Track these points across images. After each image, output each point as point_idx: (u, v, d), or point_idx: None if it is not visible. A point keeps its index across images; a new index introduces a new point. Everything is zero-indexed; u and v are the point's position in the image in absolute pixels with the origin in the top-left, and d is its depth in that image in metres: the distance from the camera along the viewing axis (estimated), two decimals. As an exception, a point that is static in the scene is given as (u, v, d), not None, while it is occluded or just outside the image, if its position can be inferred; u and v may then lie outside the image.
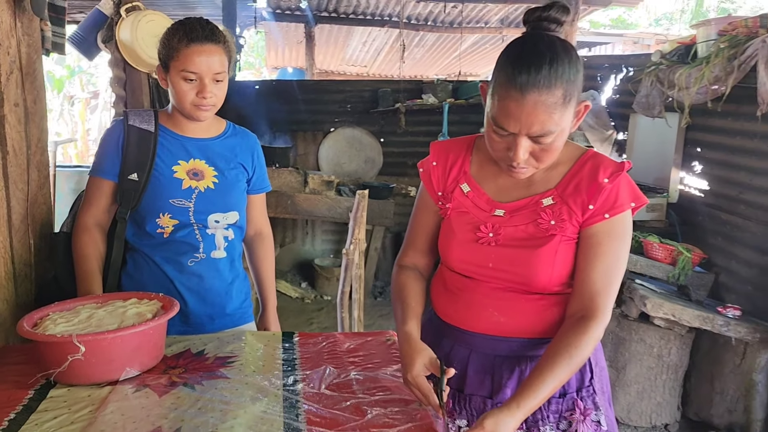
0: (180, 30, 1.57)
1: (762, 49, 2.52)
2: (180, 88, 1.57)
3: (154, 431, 1.11)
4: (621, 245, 1.22)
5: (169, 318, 1.40)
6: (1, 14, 1.59)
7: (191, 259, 1.70)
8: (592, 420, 1.28)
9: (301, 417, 1.18)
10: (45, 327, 1.33)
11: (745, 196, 3.25)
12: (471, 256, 1.29)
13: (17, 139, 1.68)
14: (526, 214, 1.26)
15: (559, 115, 1.11)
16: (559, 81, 1.10)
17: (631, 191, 1.22)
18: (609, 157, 1.25)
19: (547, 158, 1.18)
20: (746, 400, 2.76)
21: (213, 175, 1.70)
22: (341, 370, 1.38)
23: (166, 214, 1.65)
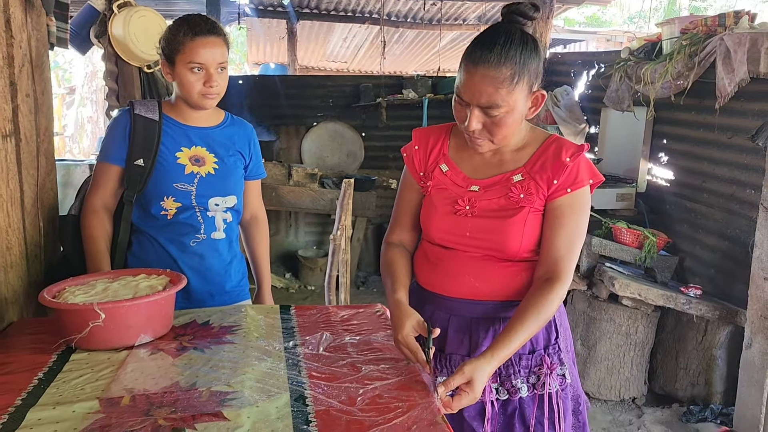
0: (184, 25, 1.70)
1: (720, 46, 2.71)
2: (187, 79, 1.70)
3: (172, 385, 1.24)
4: (581, 216, 1.36)
5: (179, 290, 1.53)
6: (14, 10, 1.70)
7: (193, 240, 1.83)
8: (558, 374, 1.43)
9: (303, 373, 1.32)
10: (65, 298, 1.45)
11: (707, 185, 3.47)
12: (450, 227, 1.44)
13: (28, 127, 1.79)
14: (498, 189, 1.41)
15: (506, 91, 1.26)
16: (509, 61, 1.25)
17: (590, 169, 1.37)
18: (572, 141, 1.41)
19: (499, 132, 1.32)
20: (707, 374, 2.97)
21: (213, 162, 1.83)
22: (336, 336, 1.52)
23: (170, 197, 1.78)
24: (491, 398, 1.42)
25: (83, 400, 1.18)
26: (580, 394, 1.52)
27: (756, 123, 2.80)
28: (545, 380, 1.41)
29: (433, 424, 1.12)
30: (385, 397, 1.21)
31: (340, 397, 1.20)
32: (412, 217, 1.58)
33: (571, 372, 1.48)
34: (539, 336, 1.45)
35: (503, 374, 1.43)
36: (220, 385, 1.25)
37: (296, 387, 1.24)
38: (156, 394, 1.20)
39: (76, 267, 1.84)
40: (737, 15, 2.81)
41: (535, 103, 1.35)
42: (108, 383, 1.25)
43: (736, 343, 2.85)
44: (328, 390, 1.23)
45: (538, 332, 1.43)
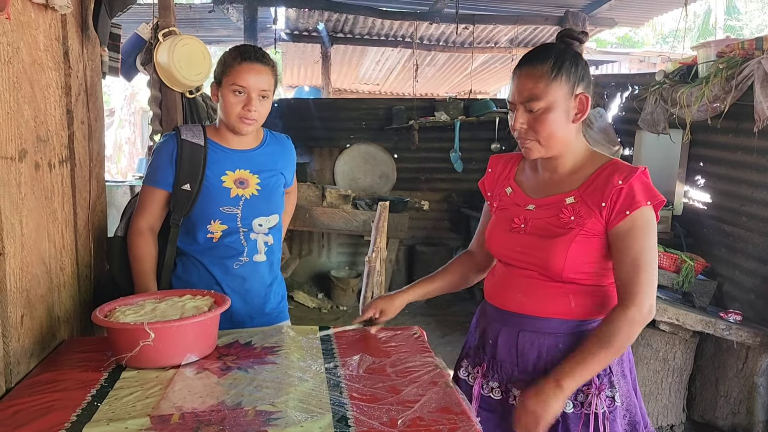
0: (235, 50, 1.82)
1: (758, 69, 2.70)
2: (229, 100, 1.77)
3: (219, 404, 1.28)
4: (644, 238, 1.36)
5: (223, 311, 1.58)
6: (72, 43, 1.80)
7: (236, 263, 1.88)
8: (606, 396, 1.44)
9: (344, 393, 1.34)
10: (116, 318, 1.52)
11: (746, 209, 3.41)
12: (506, 242, 1.52)
13: (82, 153, 1.88)
14: (552, 209, 1.46)
15: (545, 84, 1.35)
16: (548, 59, 1.37)
17: (647, 191, 1.38)
18: (629, 164, 1.43)
19: (542, 130, 1.38)
20: (749, 402, 2.90)
21: (256, 183, 1.89)
22: (375, 357, 1.55)
23: (216, 221, 1.84)
24: None
25: (135, 417, 1.23)
26: (639, 421, 1.50)
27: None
28: (592, 400, 1.42)
29: (474, 447, 1.14)
30: (426, 420, 1.23)
31: (381, 419, 1.23)
32: (482, 226, 1.74)
33: (627, 396, 1.48)
34: None
35: None
36: (265, 405, 1.28)
37: (338, 408, 1.27)
38: (204, 412, 1.25)
39: (123, 287, 1.91)
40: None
41: (580, 106, 1.40)
42: (158, 401, 1.30)
43: (779, 370, 2.78)
44: (370, 411, 1.26)
45: None
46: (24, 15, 1.48)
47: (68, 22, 1.77)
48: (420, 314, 4.95)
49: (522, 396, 1.35)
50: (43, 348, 1.58)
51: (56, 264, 1.70)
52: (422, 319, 4.64)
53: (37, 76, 1.55)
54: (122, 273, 1.93)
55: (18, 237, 1.43)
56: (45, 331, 1.60)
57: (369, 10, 5.60)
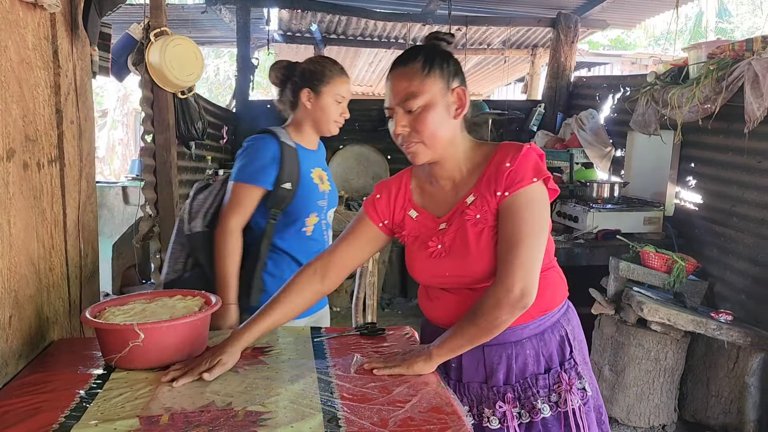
0: (333, 63, 2.02)
1: (748, 71, 2.71)
2: (332, 108, 1.98)
3: (209, 405, 1.27)
4: (522, 216, 1.32)
5: (213, 311, 1.57)
6: (61, 42, 1.79)
7: None
8: (578, 388, 1.43)
9: (335, 394, 1.34)
10: (105, 318, 1.51)
11: (737, 209, 3.43)
12: (431, 271, 1.45)
13: (72, 152, 1.87)
14: (459, 217, 1.40)
15: (419, 81, 1.33)
16: (418, 57, 1.35)
17: (533, 167, 1.34)
18: (516, 142, 1.40)
19: (424, 129, 1.34)
20: (740, 402, 2.91)
21: (327, 179, 2.12)
22: (367, 358, 1.55)
23: (312, 214, 2.02)
24: (514, 424, 1.43)
25: (124, 417, 1.21)
26: (601, 404, 1.52)
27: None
28: (566, 397, 1.41)
29: (464, 446, 1.14)
30: (417, 420, 1.22)
31: (372, 419, 1.22)
32: (343, 243, 1.58)
33: (591, 383, 1.49)
34: (553, 353, 1.45)
35: (522, 397, 1.44)
36: (255, 405, 1.27)
37: (329, 408, 1.26)
38: (193, 413, 1.24)
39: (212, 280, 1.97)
40: (765, 40, 2.81)
41: (459, 101, 1.37)
42: (147, 402, 1.29)
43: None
44: (360, 411, 1.25)
45: (553, 349, 1.45)
46: (12, 13, 1.47)
47: (57, 21, 1.76)
48: (413, 315, 4.95)
49: (406, 354, 1.40)
50: (32, 349, 1.57)
51: (45, 264, 1.68)
52: (415, 320, 4.64)
53: (26, 75, 1.54)
54: (212, 268, 1.98)
55: (6, 237, 1.41)
56: (34, 332, 1.58)
57: (362, 11, 5.60)
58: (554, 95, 5.63)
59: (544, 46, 6.41)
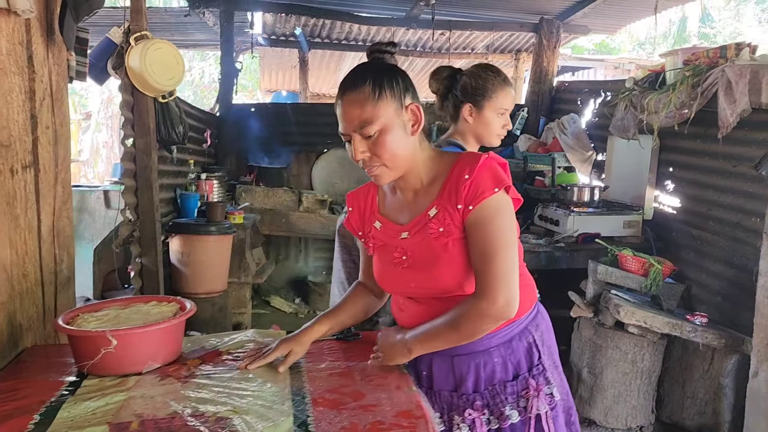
0: (497, 76, 2.00)
1: (721, 77, 2.76)
2: (495, 121, 1.99)
3: (180, 411, 1.27)
4: (491, 228, 1.31)
5: (187, 317, 1.58)
6: (36, 47, 1.78)
7: None
8: (546, 393, 1.45)
9: (307, 398, 1.35)
10: (78, 325, 1.50)
11: (713, 213, 3.48)
12: (396, 279, 1.46)
13: (47, 158, 1.86)
14: (421, 229, 1.40)
15: (372, 106, 1.30)
16: (366, 80, 1.31)
17: (493, 178, 1.32)
18: (476, 153, 1.39)
19: (384, 153, 1.32)
20: (715, 403, 2.95)
21: None
22: (341, 363, 1.56)
23: None
24: (483, 430, 1.45)
25: (94, 424, 1.21)
26: (571, 405, 1.54)
27: (759, 152, 2.83)
28: (533, 402, 1.43)
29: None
30: (387, 424, 1.23)
31: (342, 423, 1.23)
32: (364, 257, 1.65)
33: (560, 387, 1.50)
34: (521, 360, 1.47)
35: (491, 404, 1.46)
36: (226, 411, 1.28)
37: (299, 413, 1.27)
38: (164, 419, 1.24)
39: None
40: (738, 47, 2.86)
41: (414, 117, 1.35)
42: (118, 408, 1.29)
43: (743, 371, 2.83)
44: (330, 416, 1.26)
45: (521, 356, 1.46)
46: (-16, 20, 1.47)
47: (32, 26, 1.76)
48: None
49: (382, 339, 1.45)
50: (4, 356, 1.56)
51: (18, 271, 1.68)
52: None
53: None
54: None
55: (-24, 244, 1.41)
56: (5, 340, 1.58)
57: (346, 15, 5.61)
58: (537, 99, 5.67)
59: (527, 50, 6.46)
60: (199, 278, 3.66)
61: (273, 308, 5.31)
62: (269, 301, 5.37)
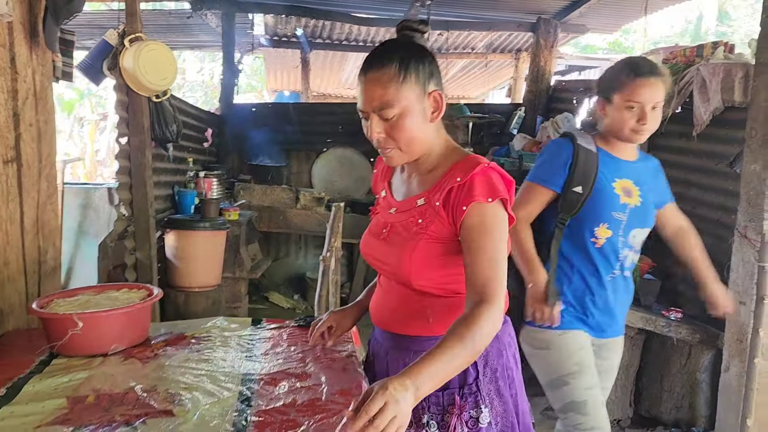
0: (627, 67, 1.85)
1: (696, 76, 2.80)
2: (622, 116, 1.84)
3: (136, 387, 1.37)
4: (490, 237, 1.25)
5: (153, 302, 1.68)
6: (19, 48, 1.89)
7: (610, 274, 1.94)
8: (471, 416, 1.35)
9: (254, 377, 1.44)
10: (51, 309, 1.61)
11: (697, 211, 3.50)
12: (369, 249, 1.47)
13: (30, 154, 1.97)
14: (406, 212, 1.39)
15: (395, 89, 1.26)
16: (392, 61, 1.26)
17: (488, 187, 1.27)
18: (480, 158, 1.32)
19: (401, 137, 1.29)
20: (691, 397, 2.99)
21: (638, 194, 1.93)
22: (297, 347, 1.65)
23: (604, 224, 1.89)
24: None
25: (54, 398, 1.32)
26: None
27: (736, 150, 2.86)
28: (453, 421, 1.34)
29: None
30: (323, 401, 1.32)
31: (282, 400, 1.32)
32: None
33: (502, 417, 1.39)
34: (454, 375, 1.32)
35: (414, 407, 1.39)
36: (178, 387, 1.37)
37: (245, 390, 1.37)
38: (118, 394, 1.34)
39: None
40: (715, 46, 2.90)
41: (435, 105, 1.32)
42: (78, 384, 1.39)
43: (719, 366, 2.87)
44: (274, 393, 1.35)
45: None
46: (-37, 24, 1.57)
47: (15, 29, 1.87)
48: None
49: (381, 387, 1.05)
50: (-18, 338, 1.67)
51: (0, 259, 1.79)
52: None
53: (-21, 81, 1.65)
54: None
55: (-47, 232, 1.52)
56: (-16, 322, 1.69)
57: (345, 16, 5.70)
58: (534, 99, 5.72)
59: (527, 50, 6.50)
60: (193, 272, 3.76)
61: (271, 303, 5.42)
62: (268, 297, 5.47)
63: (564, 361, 1.95)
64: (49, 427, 1.19)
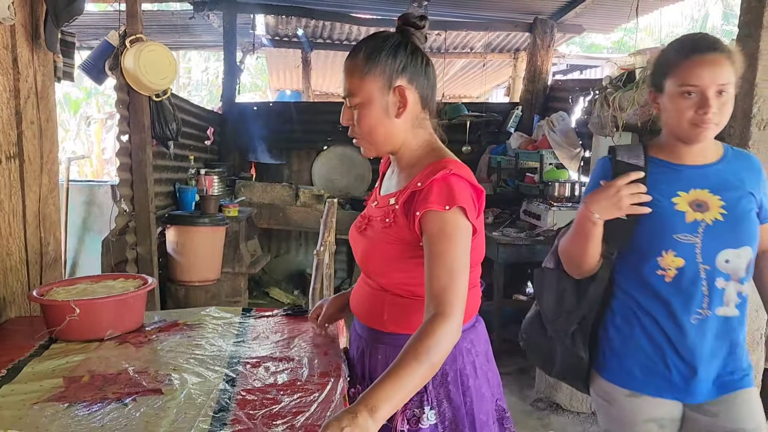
0: (678, 44, 1.49)
1: (680, 76, 2.86)
2: (677, 105, 1.44)
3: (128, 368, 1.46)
4: (449, 246, 1.22)
5: (147, 291, 1.77)
6: (21, 50, 1.99)
7: (694, 315, 1.48)
8: (413, 414, 1.35)
9: (240, 360, 1.53)
10: (50, 296, 1.70)
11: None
12: (351, 239, 1.49)
13: (32, 150, 2.07)
14: (382, 208, 1.39)
15: (358, 78, 1.29)
16: (363, 52, 1.30)
17: (446, 194, 1.24)
18: (448, 162, 1.29)
19: (360, 127, 1.32)
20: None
21: (719, 206, 1.49)
22: (284, 333, 1.74)
23: (669, 252, 1.47)
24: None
25: (51, 378, 1.41)
26: None
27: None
28: (396, 417, 1.34)
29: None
30: (303, 381, 1.41)
31: (264, 380, 1.41)
32: None
33: (451, 422, 1.36)
34: None
35: None
36: (168, 369, 1.46)
37: (230, 372, 1.45)
38: (111, 374, 1.43)
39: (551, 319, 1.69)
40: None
41: (401, 100, 1.31)
42: (75, 366, 1.48)
43: None
44: (257, 374, 1.44)
45: None
46: (-32, 27, 1.67)
47: (17, 31, 1.96)
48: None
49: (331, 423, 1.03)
50: (-15, 324, 1.77)
51: (2, 250, 1.88)
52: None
53: (-17, 81, 1.74)
54: (548, 305, 1.69)
55: (-42, 223, 1.61)
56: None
57: (344, 17, 5.79)
58: (531, 98, 5.79)
59: (525, 49, 6.57)
60: (193, 267, 3.86)
61: (272, 299, 5.51)
62: (268, 292, 5.57)
63: (623, 427, 1.59)
64: (46, 403, 1.28)
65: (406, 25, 1.35)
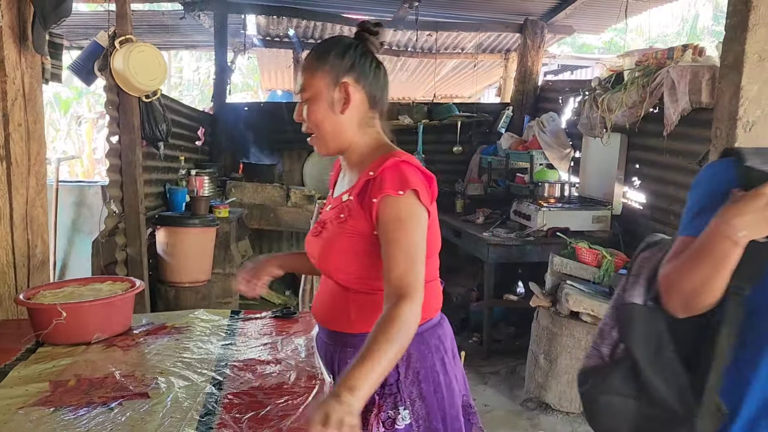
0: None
1: (666, 78, 2.89)
2: None
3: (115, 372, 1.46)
4: (404, 230, 1.27)
5: (135, 294, 1.77)
6: (8, 52, 1.99)
7: None
8: (388, 416, 1.36)
9: (228, 364, 1.53)
10: (37, 300, 1.70)
11: (673, 208, 3.61)
12: (308, 246, 1.52)
13: (19, 152, 2.07)
14: (335, 208, 1.44)
15: (310, 74, 1.37)
16: (316, 51, 1.39)
17: (398, 180, 1.29)
18: (396, 153, 1.35)
19: (308, 120, 1.38)
20: (664, 388, 3.07)
21: None
22: (271, 336, 1.74)
23: None
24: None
25: (38, 382, 1.41)
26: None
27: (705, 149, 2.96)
28: (371, 420, 1.35)
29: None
30: (289, 384, 1.42)
31: (251, 383, 1.42)
32: None
33: (424, 420, 1.38)
34: None
35: None
36: (155, 372, 1.47)
37: (217, 375, 1.46)
38: (98, 378, 1.43)
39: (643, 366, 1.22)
40: (684, 49, 2.99)
41: (344, 96, 1.36)
42: (61, 370, 1.48)
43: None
44: (244, 377, 1.45)
45: None
46: (-47, 30, 1.66)
47: (4, 33, 1.96)
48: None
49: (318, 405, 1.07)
50: (-28, 327, 1.76)
51: (-11, 253, 1.88)
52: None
53: (-32, 84, 1.74)
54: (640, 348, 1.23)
55: (-56, 226, 1.61)
56: (-26, 312, 1.78)
57: (335, 17, 5.79)
58: (522, 98, 5.81)
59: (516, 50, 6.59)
60: (183, 268, 3.85)
61: (263, 300, 5.50)
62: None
63: None
64: (31, 408, 1.28)
65: (363, 30, 1.42)
